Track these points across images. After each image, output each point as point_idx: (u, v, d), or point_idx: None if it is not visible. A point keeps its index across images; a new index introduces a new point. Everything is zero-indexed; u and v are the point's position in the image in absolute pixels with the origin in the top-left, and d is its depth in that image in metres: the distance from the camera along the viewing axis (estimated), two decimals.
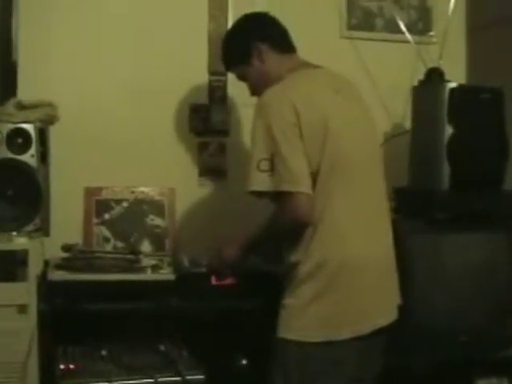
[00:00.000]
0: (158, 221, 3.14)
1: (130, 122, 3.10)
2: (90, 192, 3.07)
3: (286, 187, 2.22)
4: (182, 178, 3.20)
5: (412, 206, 2.95)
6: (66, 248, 2.78)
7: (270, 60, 2.49)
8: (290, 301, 2.32)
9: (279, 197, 2.26)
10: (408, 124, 3.17)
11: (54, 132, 2.75)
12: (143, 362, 2.49)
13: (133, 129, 3.11)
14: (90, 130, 3.04)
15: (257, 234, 2.43)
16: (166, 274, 2.66)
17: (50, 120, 2.71)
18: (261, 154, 2.26)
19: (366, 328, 2.29)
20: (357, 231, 2.31)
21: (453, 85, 2.93)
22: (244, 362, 2.71)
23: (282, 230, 2.33)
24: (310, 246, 2.28)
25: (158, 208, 3.15)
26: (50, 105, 2.71)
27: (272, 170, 2.24)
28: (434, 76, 3.09)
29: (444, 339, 2.77)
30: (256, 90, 2.52)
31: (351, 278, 2.28)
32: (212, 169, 3.26)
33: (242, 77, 2.61)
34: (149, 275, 2.66)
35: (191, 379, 2.42)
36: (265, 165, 2.25)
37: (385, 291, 2.39)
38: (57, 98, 2.77)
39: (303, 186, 2.23)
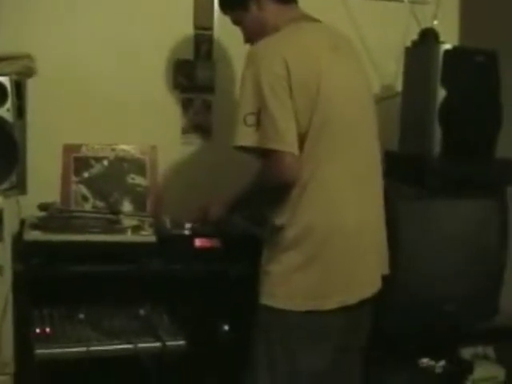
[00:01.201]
0: (139, 180, 3.07)
1: (111, 77, 3.01)
2: (68, 149, 2.99)
3: (271, 145, 2.15)
4: (165, 135, 3.11)
5: (402, 171, 2.89)
6: (43, 207, 2.71)
7: (268, 8, 2.40)
8: (274, 267, 2.25)
9: (264, 154, 2.19)
10: (399, 86, 3.09)
11: (32, 86, 2.65)
12: (122, 326, 2.46)
13: (115, 84, 3.02)
14: (71, 85, 2.95)
15: (242, 193, 2.37)
16: (147, 236, 2.61)
17: (28, 73, 2.62)
18: (248, 108, 2.18)
19: (353, 298, 2.25)
20: (347, 195, 2.24)
21: (447, 46, 2.84)
22: (226, 328, 2.67)
23: (266, 189, 2.26)
24: (296, 210, 2.21)
25: (139, 166, 3.07)
26: (28, 57, 2.62)
27: (258, 124, 2.16)
28: (428, 37, 3.01)
29: (430, 307, 2.74)
30: (250, 38, 2.44)
31: (340, 245, 2.22)
32: (196, 126, 3.18)
33: (237, 22, 2.52)
34: (129, 236, 2.61)
35: (172, 345, 2.40)
36: (251, 119, 2.17)
37: (373, 260, 2.34)
38: (37, 51, 2.68)
39: (289, 145, 2.15)
